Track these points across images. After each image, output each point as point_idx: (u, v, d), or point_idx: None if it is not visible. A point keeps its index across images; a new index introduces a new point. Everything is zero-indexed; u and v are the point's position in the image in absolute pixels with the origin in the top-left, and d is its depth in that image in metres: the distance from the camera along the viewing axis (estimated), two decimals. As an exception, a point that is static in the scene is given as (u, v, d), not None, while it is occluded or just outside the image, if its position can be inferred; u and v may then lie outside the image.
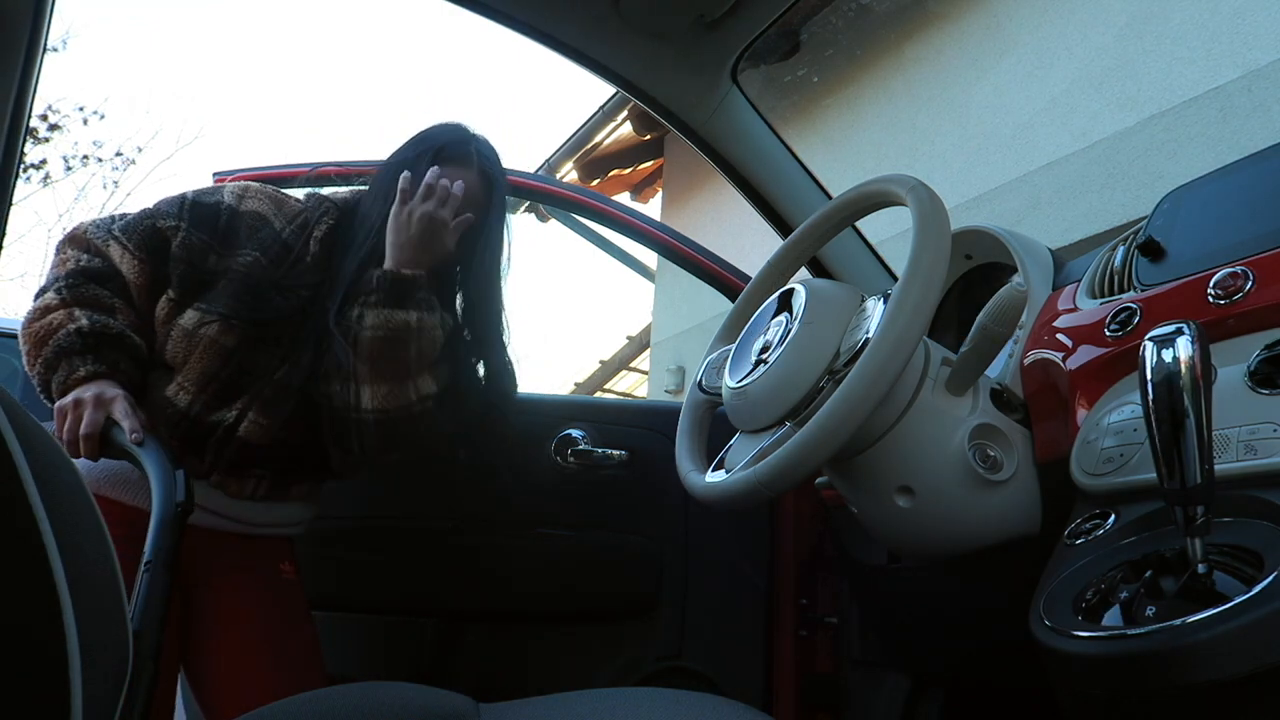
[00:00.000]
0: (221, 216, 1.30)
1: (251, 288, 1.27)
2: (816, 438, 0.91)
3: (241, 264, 1.28)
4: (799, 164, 1.57)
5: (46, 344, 1.22)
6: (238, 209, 1.31)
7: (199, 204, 1.31)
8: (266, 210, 1.32)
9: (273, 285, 1.28)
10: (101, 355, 1.22)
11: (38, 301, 1.26)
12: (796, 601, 1.68)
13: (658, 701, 0.86)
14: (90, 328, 1.22)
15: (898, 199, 1.04)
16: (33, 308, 1.26)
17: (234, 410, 1.27)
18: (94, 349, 1.22)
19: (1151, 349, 0.69)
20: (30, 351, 1.24)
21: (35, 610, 0.48)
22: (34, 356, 1.23)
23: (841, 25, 4.96)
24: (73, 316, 1.22)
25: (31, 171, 11.01)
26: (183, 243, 1.28)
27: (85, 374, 1.21)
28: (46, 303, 1.24)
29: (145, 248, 1.28)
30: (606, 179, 6.67)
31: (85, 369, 1.21)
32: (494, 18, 1.34)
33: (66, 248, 1.31)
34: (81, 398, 1.19)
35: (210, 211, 1.30)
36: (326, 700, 0.84)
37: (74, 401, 1.19)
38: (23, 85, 0.99)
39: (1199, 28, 3.22)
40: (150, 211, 1.31)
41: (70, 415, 1.18)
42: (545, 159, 6.31)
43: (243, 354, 1.27)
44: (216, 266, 1.28)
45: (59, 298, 1.24)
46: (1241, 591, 0.64)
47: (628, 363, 7.64)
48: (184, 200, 1.31)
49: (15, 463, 0.47)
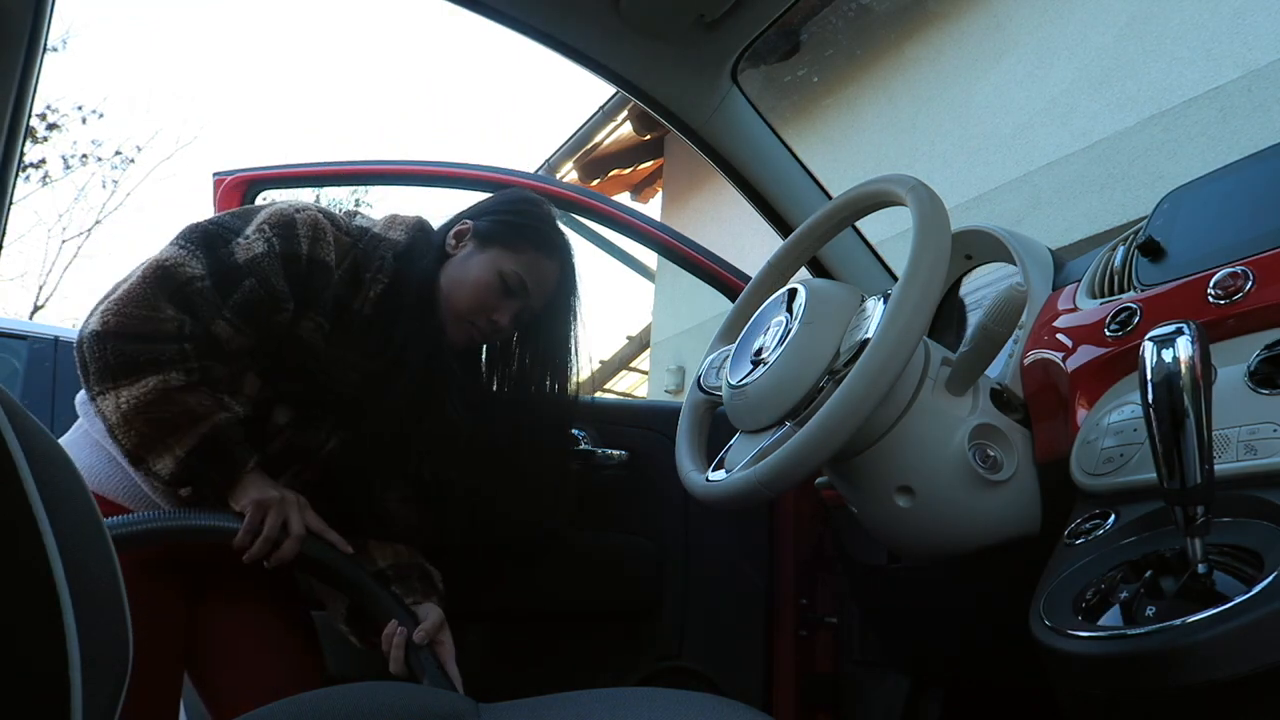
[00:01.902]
0: (302, 269, 1.21)
1: (312, 360, 1.23)
2: (816, 438, 0.91)
3: (306, 330, 1.22)
4: (799, 164, 1.57)
5: (193, 429, 1.11)
6: (312, 257, 1.21)
7: (289, 260, 1.19)
8: (330, 259, 1.23)
9: (331, 358, 1.24)
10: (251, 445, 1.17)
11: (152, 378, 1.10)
12: (796, 601, 1.68)
13: (658, 701, 0.86)
14: (244, 414, 1.17)
15: (898, 199, 1.04)
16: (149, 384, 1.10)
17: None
18: (249, 436, 1.17)
19: (1151, 349, 0.69)
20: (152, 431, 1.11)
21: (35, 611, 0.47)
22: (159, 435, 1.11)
23: (841, 25, 4.96)
24: (222, 403, 1.15)
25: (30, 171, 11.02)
26: (281, 319, 1.20)
27: (253, 466, 1.16)
28: (169, 383, 1.10)
29: (259, 327, 1.19)
30: (606, 179, 6.67)
31: (253, 461, 1.16)
32: (494, 18, 1.34)
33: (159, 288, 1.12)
34: (280, 497, 1.15)
35: (295, 268, 1.20)
36: (326, 700, 0.84)
37: (275, 501, 1.15)
38: (23, 85, 0.99)
39: (1199, 28, 3.22)
40: (264, 288, 1.17)
41: (273, 516, 1.14)
42: (545, 159, 6.31)
43: (295, 430, 1.26)
44: (284, 324, 1.21)
45: (187, 378, 1.11)
46: (1241, 591, 0.64)
47: (628, 363, 7.64)
48: (277, 259, 1.18)
49: (15, 463, 0.47)
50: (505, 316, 1.29)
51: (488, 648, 1.69)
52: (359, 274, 1.26)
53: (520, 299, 1.29)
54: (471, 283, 1.27)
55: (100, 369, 1.10)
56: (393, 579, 1.27)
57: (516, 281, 1.28)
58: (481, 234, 1.30)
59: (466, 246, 1.30)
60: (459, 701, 0.91)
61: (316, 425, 1.28)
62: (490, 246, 1.29)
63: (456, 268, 1.29)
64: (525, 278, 1.28)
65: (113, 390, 1.10)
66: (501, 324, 1.29)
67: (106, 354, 1.10)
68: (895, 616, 1.44)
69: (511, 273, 1.27)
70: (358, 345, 1.26)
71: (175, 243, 1.19)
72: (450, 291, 1.28)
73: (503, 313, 1.28)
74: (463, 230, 1.32)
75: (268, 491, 1.15)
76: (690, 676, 1.65)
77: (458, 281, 1.28)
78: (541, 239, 1.31)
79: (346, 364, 1.25)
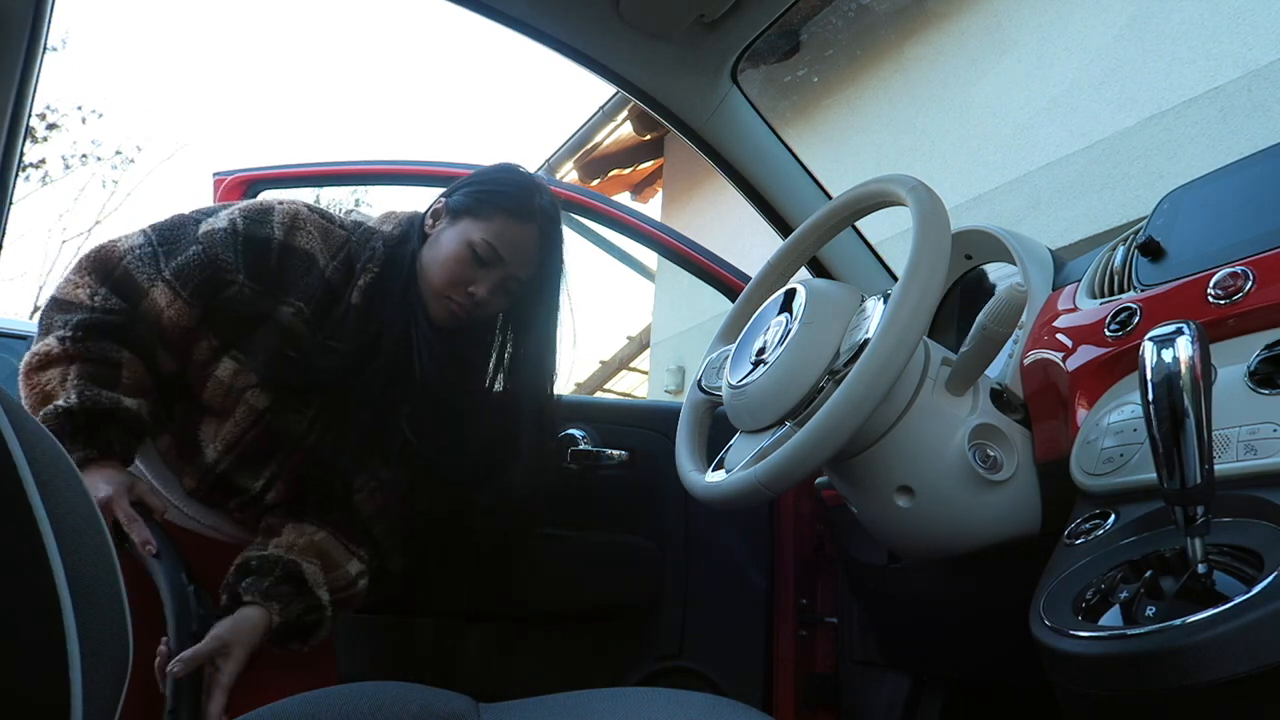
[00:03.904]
0: (272, 255, 1.22)
1: (292, 345, 1.22)
2: (816, 438, 0.91)
3: (285, 315, 1.22)
4: (799, 164, 1.57)
5: (41, 409, 1.13)
6: (287, 244, 1.22)
7: (252, 241, 1.21)
8: (315, 248, 1.24)
9: (314, 343, 1.23)
10: (93, 438, 1.14)
11: (39, 344, 1.16)
12: (796, 601, 1.68)
13: (658, 701, 0.86)
14: (79, 405, 1.13)
15: (898, 199, 1.04)
16: (33, 350, 1.16)
17: (261, 479, 1.27)
18: (83, 429, 1.13)
19: (1151, 349, 0.69)
20: (30, 406, 1.15)
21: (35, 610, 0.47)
22: (34, 412, 1.14)
23: (841, 25, 4.96)
24: (65, 384, 1.14)
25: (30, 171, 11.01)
26: (236, 294, 1.21)
27: (78, 461, 1.11)
28: (48, 350, 1.15)
29: (200, 293, 1.20)
30: (606, 179, 6.67)
31: (77, 455, 1.12)
32: (494, 18, 1.34)
33: (88, 274, 1.19)
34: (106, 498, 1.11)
35: (262, 250, 1.21)
36: (326, 700, 0.84)
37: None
38: (23, 85, 0.99)
39: (1199, 28, 3.22)
40: (207, 254, 1.20)
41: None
42: (545, 159, 6.31)
43: (273, 415, 1.25)
44: (260, 310, 1.22)
45: (61, 347, 1.15)
46: (1241, 591, 0.64)
47: (628, 363, 7.64)
48: (237, 236, 1.21)
49: (15, 463, 0.47)
50: (483, 288, 1.26)
51: (488, 648, 1.69)
52: (352, 265, 1.27)
53: (496, 267, 1.26)
54: (443, 258, 1.26)
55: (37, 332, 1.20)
56: (252, 570, 1.20)
57: (486, 250, 1.25)
58: (453, 208, 1.30)
59: (441, 222, 1.30)
60: (459, 701, 0.91)
61: (297, 411, 1.26)
62: (461, 219, 1.28)
63: (431, 245, 1.29)
64: (496, 245, 1.25)
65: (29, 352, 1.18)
66: (480, 295, 1.26)
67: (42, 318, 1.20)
68: (895, 616, 1.44)
69: (480, 241, 1.25)
70: (342, 332, 1.25)
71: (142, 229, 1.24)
72: (426, 269, 1.27)
73: (480, 284, 1.26)
74: (439, 208, 1.31)
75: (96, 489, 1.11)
76: (690, 676, 1.65)
77: (432, 258, 1.27)
78: (513, 203, 1.28)
79: (330, 350, 1.24)
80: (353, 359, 1.25)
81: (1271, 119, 2.86)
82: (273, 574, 1.20)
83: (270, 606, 1.17)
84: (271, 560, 1.21)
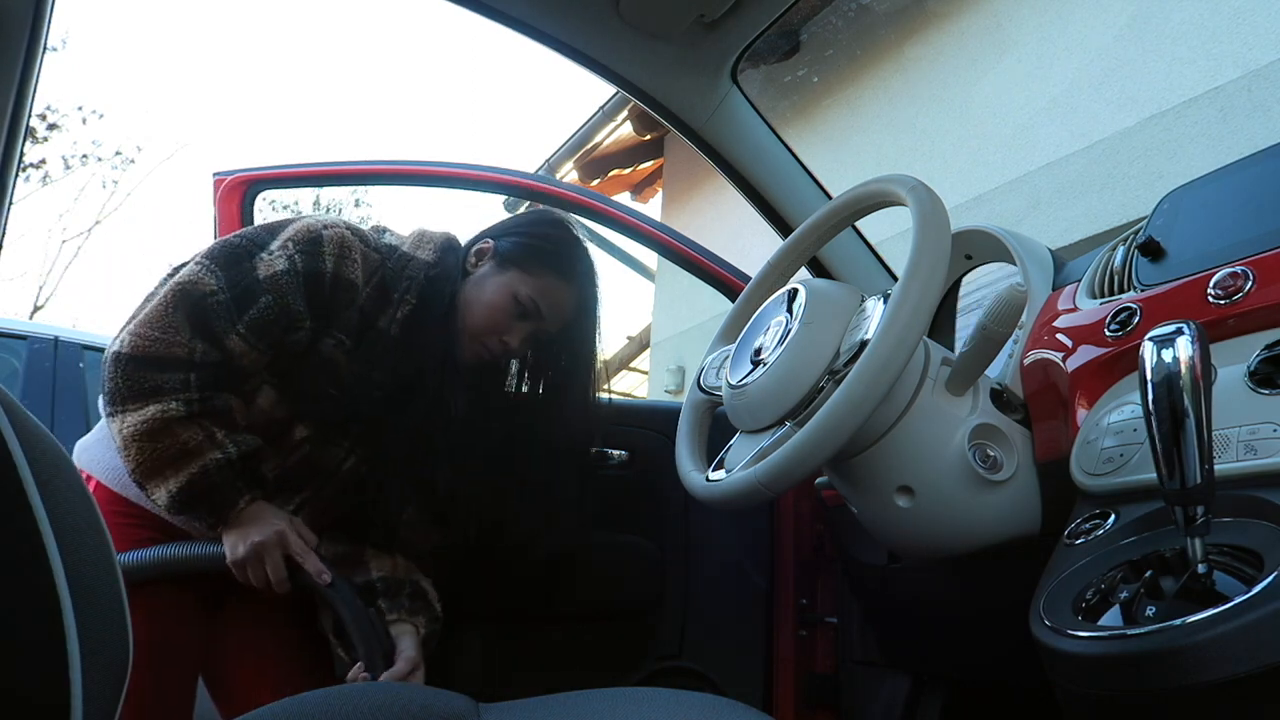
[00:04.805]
0: (325, 288, 1.21)
1: (332, 377, 1.23)
2: (816, 438, 0.91)
3: (326, 347, 1.23)
4: (799, 164, 1.57)
5: (184, 467, 1.13)
6: (336, 274, 1.21)
7: (310, 277, 1.20)
8: (358, 277, 1.23)
9: (353, 375, 1.23)
10: (252, 479, 1.17)
11: (152, 408, 1.12)
12: (796, 601, 1.68)
13: (658, 701, 0.86)
14: (239, 453, 1.15)
15: (898, 199, 1.04)
16: (144, 416, 1.12)
17: (291, 505, 1.28)
18: (243, 474, 1.16)
19: (1151, 349, 0.69)
20: (149, 460, 1.13)
21: (35, 610, 0.48)
22: (156, 466, 1.13)
23: (841, 25, 4.97)
24: (215, 440, 1.14)
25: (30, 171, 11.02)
26: (302, 336, 1.21)
27: (245, 505, 1.16)
28: (169, 413, 1.12)
29: (274, 343, 1.20)
30: (606, 179, 6.67)
31: (243, 500, 1.16)
32: (494, 18, 1.34)
33: (177, 328, 1.14)
34: (260, 542, 1.15)
35: (318, 284, 1.20)
36: (326, 700, 0.84)
37: (254, 551, 1.15)
38: (23, 85, 0.99)
39: (1199, 28, 3.22)
40: (279, 305, 1.18)
41: (253, 568, 1.16)
42: (545, 159, 6.31)
43: (313, 445, 1.26)
44: (305, 340, 1.22)
45: (188, 409, 1.13)
46: (1241, 591, 0.64)
47: (628, 363, 7.64)
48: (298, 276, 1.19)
49: (15, 462, 0.47)
50: (515, 338, 1.29)
51: (488, 648, 1.69)
52: (387, 293, 1.26)
53: (533, 321, 1.30)
54: (486, 303, 1.28)
55: (112, 390, 1.14)
56: (381, 593, 1.26)
57: (531, 305, 1.28)
58: (502, 254, 1.31)
59: (486, 265, 1.31)
60: (459, 701, 0.91)
61: (335, 442, 1.27)
62: (509, 268, 1.30)
63: (474, 286, 1.29)
64: (539, 301, 1.29)
65: (120, 414, 1.13)
66: (511, 345, 1.29)
67: (119, 377, 1.13)
68: (895, 616, 1.44)
69: (526, 296, 1.28)
70: (381, 364, 1.25)
71: (199, 261, 1.19)
72: (465, 309, 1.28)
73: (514, 334, 1.29)
74: (484, 249, 1.32)
75: (251, 536, 1.15)
76: (690, 676, 1.64)
77: (474, 300, 1.28)
78: (560, 263, 1.31)
79: (369, 382, 1.25)
80: (392, 393, 1.26)
81: (1271, 119, 2.87)
82: (403, 592, 1.28)
83: (416, 621, 1.26)
84: (397, 581, 1.28)
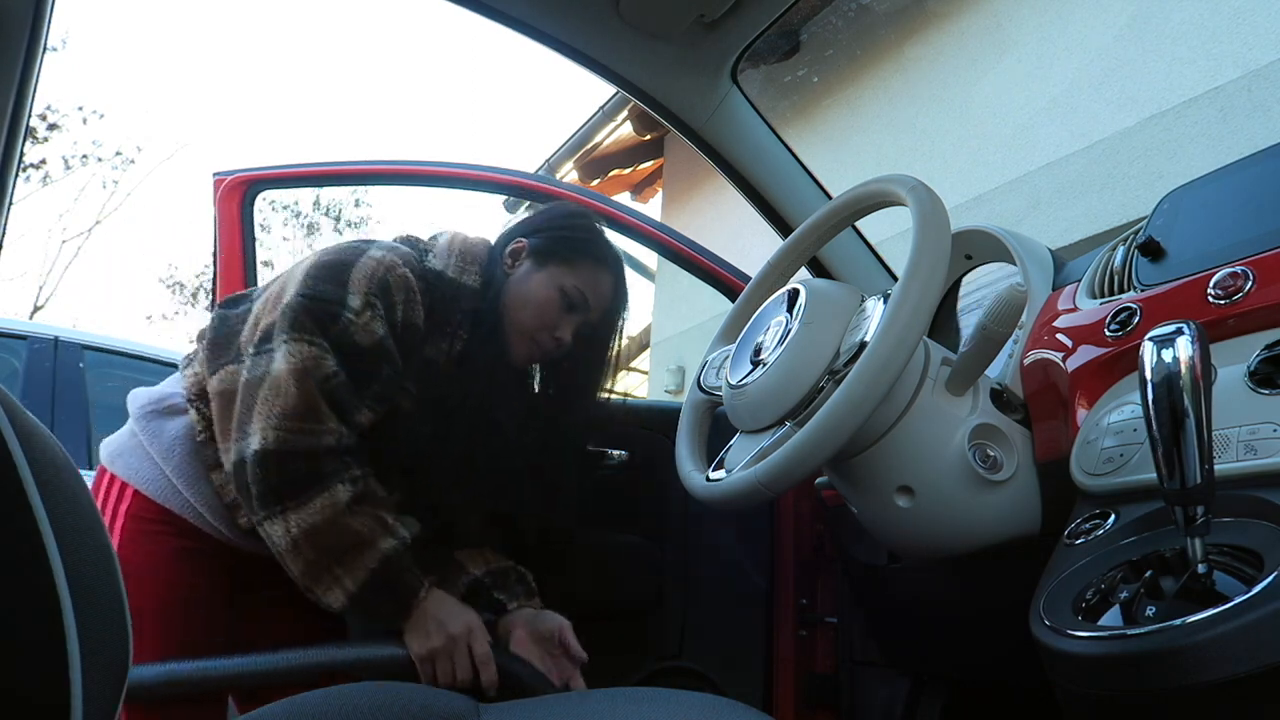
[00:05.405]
0: (397, 337, 1.20)
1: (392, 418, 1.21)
2: (816, 438, 0.91)
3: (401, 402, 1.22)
4: (799, 164, 1.57)
5: (362, 560, 1.09)
6: (406, 322, 1.21)
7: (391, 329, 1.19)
8: (419, 318, 1.23)
9: (419, 419, 1.23)
10: (422, 559, 1.14)
11: (316, 503, 1.08)
12: (796, 601, 1.68)
13: (658, 701, 0.86)
14: (410, 536, 1.13)
15: (898, 199, 1.04)
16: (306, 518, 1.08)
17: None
18: (417, 556, 1.14)
19: (1151, 349, 0.69)
20: (321, 558, 1.09)
21: (35, 610, 0.47)
22: (329, 564, 1.09)
23: (841, 25, 4.97)
24: (386, 526, 1.12)
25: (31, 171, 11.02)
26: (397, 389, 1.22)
27: (425, 594, 1.12)
28: (336, 501, 1.09)
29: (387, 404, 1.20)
30: (606, 179, 6.67)
31: (424, 589, 1.13)
32: (494, 18, 1.34)
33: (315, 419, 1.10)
34: (454, 636, 1.11)
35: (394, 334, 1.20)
36: (326, 700, 0.84)
37: (447, 647, 1.11)
38: (23, 85, 0.99)
39: (1199, 28, 3.23)
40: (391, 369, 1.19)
41: (441, 665, 1.12)
42: (545, 159, 6.32)
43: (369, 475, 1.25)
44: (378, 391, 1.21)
45: (352, 492, 1.10)
46: (1241, 591, 0.64)
47: (628, 363, 7.63)
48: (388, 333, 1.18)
49: (15, 462, 0.47)
50: (568, 332, 1.29)
51: (488, 648, 1.68)
52: (440, 326, 1.25)
53: (581, 313, 1.29)
54: (534, 301, 1.27)
55: (263, 492, 1.09)
56: (491, 586, 1.26)
57: (578, 296, 1.28)
58: (538, 251, 1.30)
59: (524, 264, 1.30)
60: (459, 701, 0.91)
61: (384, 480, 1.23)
62: (548, 262, 1.29)
63: (517, 286, 1.28)
64: (586, 291, 1.29)
65: (281, 515, 1.09)
66: (565, 340, 1.29)
67: (270, 475, 1.08)
68: (895, 616, 1.44)
69: (572, 287, 1.28)
70: (434, 401, 1.24)
71: (291, 336, 1.13)
72: (512, 311, 1.27)
73: (564, 328, 1.28)
74: (518, 249, 1.31)
75: (446, 629, 1.12)
76: (690, 676, 1.64)
77: (520, 300, 1.27)
78: (597, 250, 1.32)
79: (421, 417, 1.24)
80: (445, 425, 1.25)
81: (1271, 119, 2.87)
82: (510, 579, 1.30)
83: (533, 603, 1.28)
84: (501, 571, 1.30)
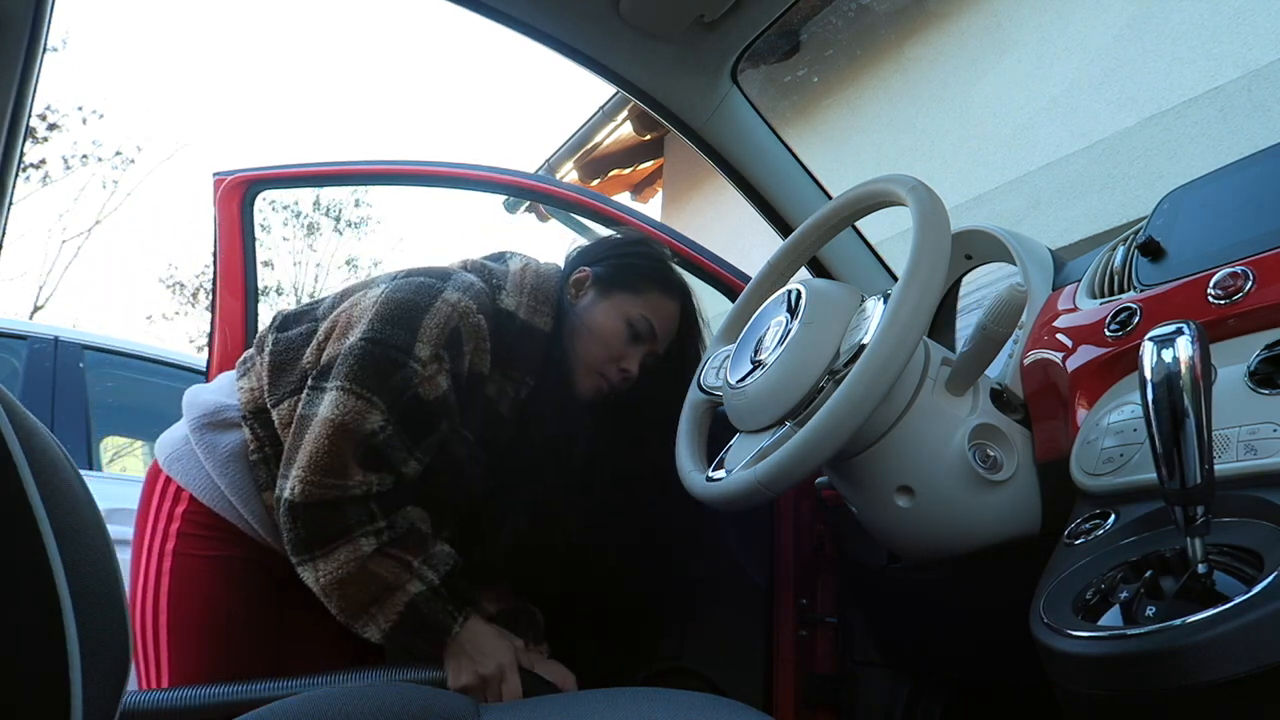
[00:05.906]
0: (462, 386, 1.17)
1: (453, 469, 1.20)
2: (816, 438, 0.91)
3: (455, 449, 1.20)
4: (799, 164, 1.57)
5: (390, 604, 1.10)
6: (472, 372, 1.18)
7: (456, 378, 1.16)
8: (486, 366, 1.20)
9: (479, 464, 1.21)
10: (460, 596, 1.14)
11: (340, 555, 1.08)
12: (796, 601, 1.68)
13: (657, 701, 0.86)
14: (440, 578, 1.12)
15: (898, 199, 1.04)
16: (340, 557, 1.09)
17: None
18: (449, 592, 1.13)
19: (1151, 349, 0.69)
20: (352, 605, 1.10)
21: (35, 610, 0.48)
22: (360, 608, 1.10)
23: (841, 25, 4.96)
24: (413, 570, 1.11)
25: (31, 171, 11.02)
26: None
27: (459, 629, 1.12)
28: (360, 552, 1.08)
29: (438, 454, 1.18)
30: (606, 179, 6.66)
31: (457, 624, 1.12)
32: (494, 17, 1.34)
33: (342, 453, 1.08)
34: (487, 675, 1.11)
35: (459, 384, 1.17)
36: (326, 700, 0.84)
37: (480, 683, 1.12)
38: (23, 85, 0.99)
39: (1199, 28, 3.22)
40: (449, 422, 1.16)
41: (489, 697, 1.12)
42: (545, 159, 6.31)
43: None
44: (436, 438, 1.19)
45: (377, 543, 1.09)
46: (1242, 591, 0.64)
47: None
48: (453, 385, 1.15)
49: (15, 462, 0.47)
50: (634, 363, 1.26)
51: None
52: (507, 370, 1.22)
53: (647, 343, 1.27)
54: (600, 332, 1.24)
55: (295, 540, 1.10)
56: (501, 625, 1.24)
57: (645, 326, 1.26)
58: (602, 280, 1.28)
59: (588, 294, 1.28)
60: (459, 701, 0.91)
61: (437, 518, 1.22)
62: (613, 292, 1.27)
63: (581, 318, 1.25)
64: (653, 320, 1.26)
65: (310, 563, 1.10)
66: (632, 372, 1.26)
67: (299, 527, 1.09)
68: (895, 616, 1.44)
69: (639, 317, 1.25)
70: (494, 451, 1.22)
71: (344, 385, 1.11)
72: (577, 343, 1.24)
73: (631, 360, 1.26)
74: (581, 278, 1.29)
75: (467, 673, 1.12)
76: (690, 676, 1.64)
77: (585, 332, 1.24)
78: (663, 279, 1.29)
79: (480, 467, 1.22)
80: (509, 474, 1.23)
81: (1271, 119, 2.86)
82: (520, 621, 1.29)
83: (541, 648, 1.27)
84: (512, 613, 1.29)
